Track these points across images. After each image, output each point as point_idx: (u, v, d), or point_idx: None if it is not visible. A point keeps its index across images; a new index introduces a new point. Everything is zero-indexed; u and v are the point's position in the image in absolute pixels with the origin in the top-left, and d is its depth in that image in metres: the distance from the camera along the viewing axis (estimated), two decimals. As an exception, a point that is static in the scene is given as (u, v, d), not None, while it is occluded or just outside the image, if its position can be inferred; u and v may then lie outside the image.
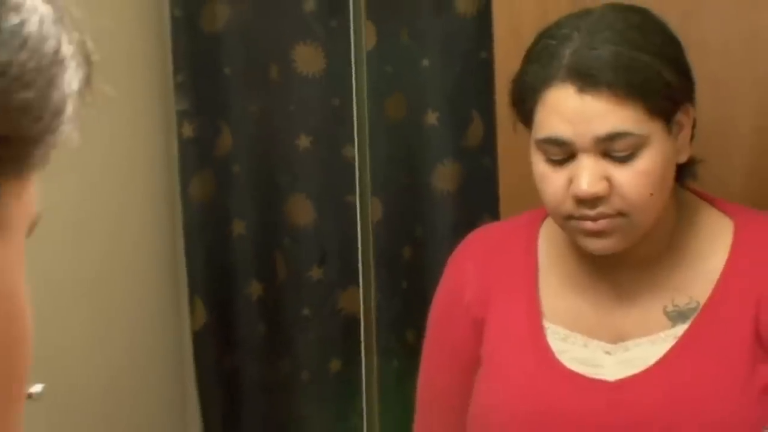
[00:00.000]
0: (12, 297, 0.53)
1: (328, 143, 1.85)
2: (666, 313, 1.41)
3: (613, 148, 1.33)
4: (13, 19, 0.47)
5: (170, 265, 1.93)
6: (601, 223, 1.34)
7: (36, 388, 1.51)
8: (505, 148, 1.69)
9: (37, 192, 0.54)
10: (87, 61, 0.53)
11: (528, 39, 1.49)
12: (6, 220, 0.51)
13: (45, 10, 0.50)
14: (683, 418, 1.38)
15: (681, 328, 1.40)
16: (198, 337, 1.93)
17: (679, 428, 1.38)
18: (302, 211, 1.88)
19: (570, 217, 1.36)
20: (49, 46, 0.49)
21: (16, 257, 0.53)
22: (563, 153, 1.35)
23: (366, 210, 1.59)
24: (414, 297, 1.80)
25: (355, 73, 1.58)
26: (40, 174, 0.53)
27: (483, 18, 1.73)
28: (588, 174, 1.33)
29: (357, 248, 1.78)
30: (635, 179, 1.33)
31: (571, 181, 1.34)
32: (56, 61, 0.50)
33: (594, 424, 1.41)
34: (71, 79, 0.51)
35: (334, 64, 1.82)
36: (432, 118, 1.79)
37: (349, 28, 1.75)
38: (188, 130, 1.89)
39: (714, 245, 1.43)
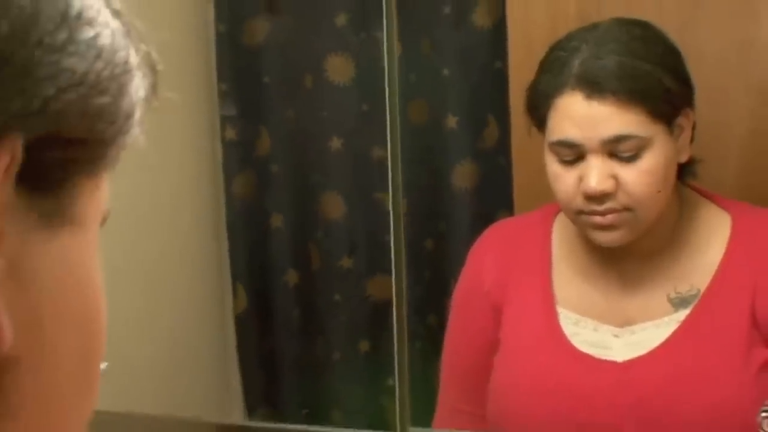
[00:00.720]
0: (89, 285, 0.53)
1: (357, 145, 1.85)
2: (669, 300, 1.41)
3: (619, 149, 1.33)
4: (89, 32, 0.47)
5: (215, 256, 1.92)
6: (609, 218, 1.35)
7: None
8: (518, 149, 1.69)
9: (106, 190, 0.54)
10: (152, 70, 0.53)
11: (539, 50, 1.49)
12: (82, 216, 0.51)
13: (115, 24, 0.50)
14: (686, 396, 1.38)
15: (683, 313, 1.40)
16: (240, 321, 1.93)
17: (682, 405, 1.38)
18: (334, 206, 1.88)
19: (581, 212, 1.37)
20: (120, 56, 0.49)
21: (91, 249, 0.53)
22: (574, 154, 1.36)
23: (398, 206, 1.59)
24: (436, 285, 1.80)
25: (388, 81, 1.57)
26: (110, 174, 0.53)
27: (498, 31, 1.72)
28: (596, 173, 1.34)
29: (383, 240, 1.78)
30: (640, 177, 1.34)
31: (581, 179, 1.35)
32: (126, 70, 0.50)
33: (603, 402, 1.41)
34: (139, 86, 0.51)
35: (363, 73, 1.81)
36: (451, 122, 1.79)
37: (376, 40, 1.75)
38: (231, 134, 1.90)
39: (713, 238, 1.43)
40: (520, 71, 1.62)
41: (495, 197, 1.77)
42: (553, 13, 1.61)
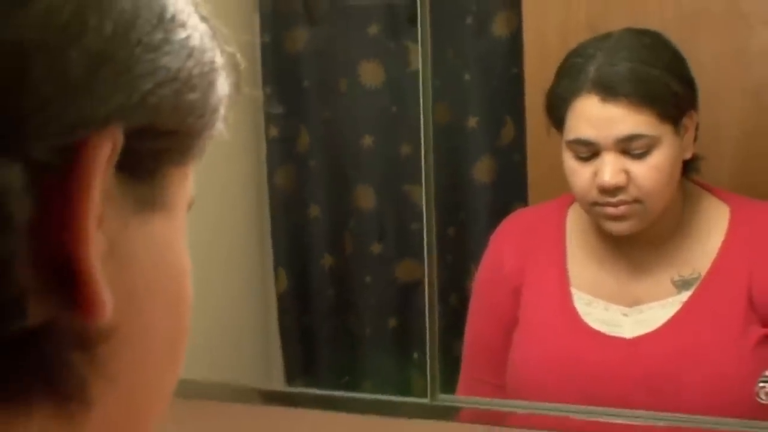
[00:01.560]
0: (178, 266, 0.53)
1: (386, 142, 1.84)
2: (673, 282, 1.41)
3: (630, 147, 1.33)
4: (182, 34, 0.48)
5: (259, 241, 1.93)
6: (621, 209, 1.35)
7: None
8: (532, 147, 1.68)
9: (192, 179, 0.54)
10: (235, 70, 0.53)
11: (552, 58, 1.49)
12: (172, 202, 0.51)
13: (203, 27, 0.50)
14: (688, 369, 1.38)
15: (685, 295, 1.41)
16: (281, 300, 1.93)
17: (685, 377, 1.38)
18: (365, 197, 1.87)
19: (595, 203, 1.37)
20: (208, 56, 0.50)
21: (180, 233, 0.53)
22: (589, 151, 1.36)
23: (430, 197, 1.59)
24: (457, 269, 1.79)
25: (422, 84, 1.58)
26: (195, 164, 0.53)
27: (515, 40, 1.71)
28: (610, 168, 1.34)
29: (409, 228, 1.79)
30: (649, 172, 1.34)
31: (596, 174, 1.35)
32: (213, 69, 0.50)
33: (613, 374, 1.42)
34: (223, 84, 0.52)
35: (392, 78, 1.81)
36: (472, 122, 1.78)
37: (404, 47, 1.76)
38: (274, 132, 1.90)
39: (713, 227, 1.43)
40: (535, 76, 1.62)
41: (511, 190, 1.76)
42: (564, 24, 1.60)
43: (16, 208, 0.40)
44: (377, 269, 1.88)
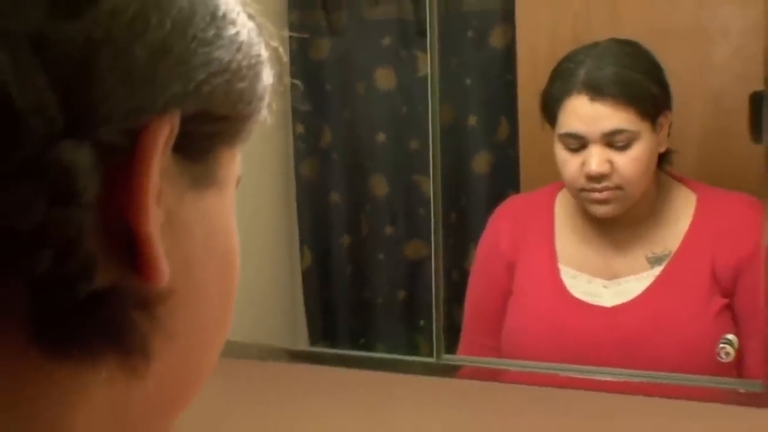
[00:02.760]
0: (228, 235, 0.53)
1: (397, 139, 1.83)
2: (647, 259, 1.41)
3: (614, 140, 1.33)
4: (232, 30, 0.48)
5: (287, 223, 1.92)
6: (605, 194, 1.35)
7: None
8: (524, 143, 1.67)
9: (240, 159, 0.54)
10: (278, 62, 0.53)
11: (541, 66, 1.50)
12: (223, 179, 0.51)
13: (250, 24, 0.50)
14: (660, 334, 1.38)
15: (658, 270, 1.41)
16: (305, 274, 1.92)
17: (657, 341, 1.38)
18: (379, 186, 1.86)
19: (582, 189, 1.37)
20: (255, 49, 0.50)
21: (229, 206, 0.53)
22: (578, 143, 1.36)
23: (438, 186, 1.59)
24: (458, 249, 1.78)
25: (430, 88, 1.58)
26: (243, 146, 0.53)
27: (509, 51, 1.70)
28: (596, 159, 1.34)
29: (417, 213, 1.78)
30: (630, 163, 1.33)
31: (583, 164, 1.35)
32: (259, 61, 0.50)
33: (595, 338, 1.42)
34: (268, 75, 0.52)
35: (403, 83, 1.80)
36: (472, 121, 1.77)
37: (414, 56, 1.75)
38: (300, 128, 1.88)
39: (682, 211, 1.42)
40: (527, 82, 1.61)
41: (505, 180, 1.75)
42: (552, 37, 1.60)
43: (85, 185, 0.40)
44: (389, 248, 1.87)
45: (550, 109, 1.42)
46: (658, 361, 1.36)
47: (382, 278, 1.88)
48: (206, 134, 0.48)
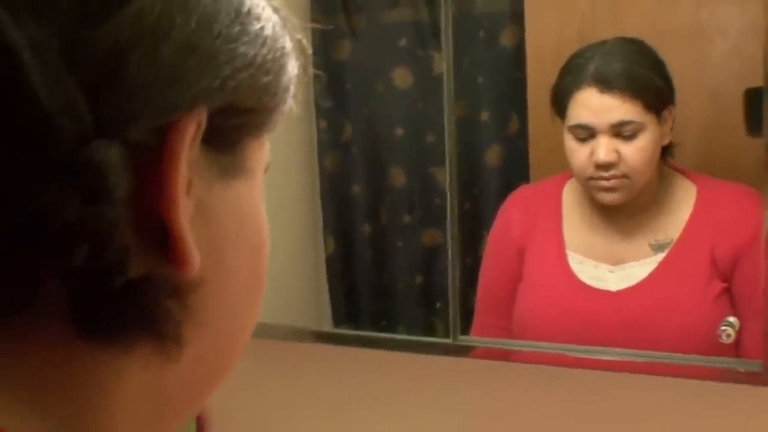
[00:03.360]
0: (258, 221, 0.52)
1: (414, 133, 1.82)
2: (650, 246, 1.40)
3: (621, 131, 1.32)
4: (256, 25, 0.46)
5: (311, 213, 1.92)
6: (612, 182, 1.34)
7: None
8: (533, 136, 1.66)
9: (268, 147, 0.53)
10: (303, 54, 0.51)
11: (549, 64, 1.49)
12: (251, 168, 0.50)
13: (275, 18, 0.49)
14: (662, 317, 1.37)
15: (660, 256, 1.39)
16: (329, 260, 1.92)
17: (660, 324, 1.37)
18: (398, 177, 1.86)
19: (591, 178, 1.36)
20: (279, 43, 0.48)
21: (258, 193, 0.52)
22: (587, 134, 1.35)
23: (454, 178, 1.59)
24: (472, 236, 1.78)
25: (445, 86, 1.57)
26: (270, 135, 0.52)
27: (519, 49, 1.69)
28: (605, 148, 1.33)
29: (433, 203, 1.78)
30: (636, 152, 1.33)
31: (592, 153, 1.34)
32: (284, 53, 0.49)
33: (601, 320, 1.41)
34: (293, 66, 0.50)
35: (419, 81, 1.80)
36: (484, 116, 1.76)
37: (429, 56, 1.74)
38: (323, 124, 1.88)
39: (683, 201, 1.41)
40: (535, 79, 1.60)
41: (516, 172, 1.74)
42: (559, 37, 1.59)
43: (116, 182, 0.40)
44: (407, 236, 1.86)
45: (560, 103, 1.41)
46: (661, 342, 1.35)
47: (400, 264, 1.88)
48: (233, 127, 0.47)
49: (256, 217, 0.52)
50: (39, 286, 0.41)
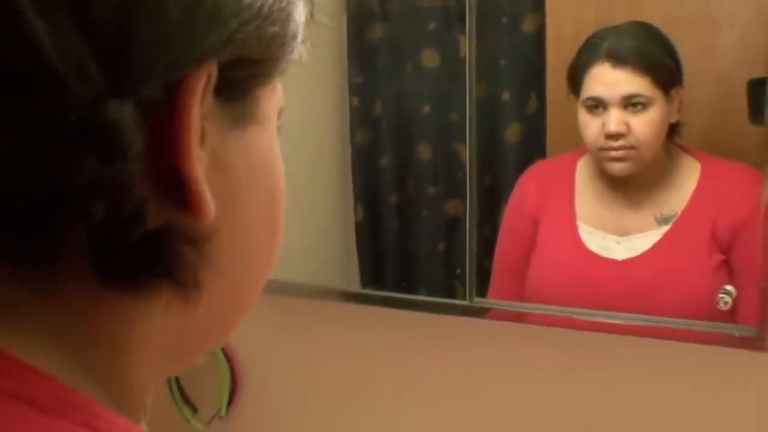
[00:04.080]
0: (272, 167, 0.50)
1: (439, 110, 1.82)
2: (655, 218, 1.39)
3: (632, 102, 1.32)
4: None
5: (343, 183, 1.92)
6: (621, 153, 1.33)
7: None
8: (551, 115, 1.65)
9: (280, 91, 0.50)
10: (310, 1, 0.49)
11: (567, 49, 1.48)
12: (263, 115, 0.48)
13: None
14: (665, 285, 1.37)
15: (664, 228, 1.39)
16: (358, 227, 1.93)
17: (663, 292, 1.37)
18: (423, 152, 1.85)
19: (602, 149, 1.35)
20: None
21: (272, 138, 0.50)
22: (599, 106, 1.34)
23: (473, 152, 1.59)
24: (491, 207, 1.78)
25: (468, 68, 1.57)
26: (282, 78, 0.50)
27: (539, 34, 1.67)
28: (615, 120, 1.32)
29: (456, 176, 1.78)
30: (644, 125, 1.32)
31: (603, 125, 1.33)
32: (290, 2, 0.46)
33: (608, 288, 1.41)
34: (300, 13, 0.48)
35: (446, 62, 1.79)
36: (506, 96, 1.75)
37: (456, 39, 1.74)
38: (356, 101, 1.88)
39: (688, 177, 1.40)
40: (554, 62, 1.59)
41: (534, 148, 1.73)
42: (577, 23, 1.57)
43: (131, 140, 0.39)
44: (431, 206, 1.86)
45: (575, 79, 1.41)
46: (663, 308, 1.35)
47: (424, 232, 1.88)
48: (243, 77, 0.45)
49: (269, 163, 0.50)
50: (64, 238, 0.41)
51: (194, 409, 1.91)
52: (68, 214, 0.39)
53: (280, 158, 0.51)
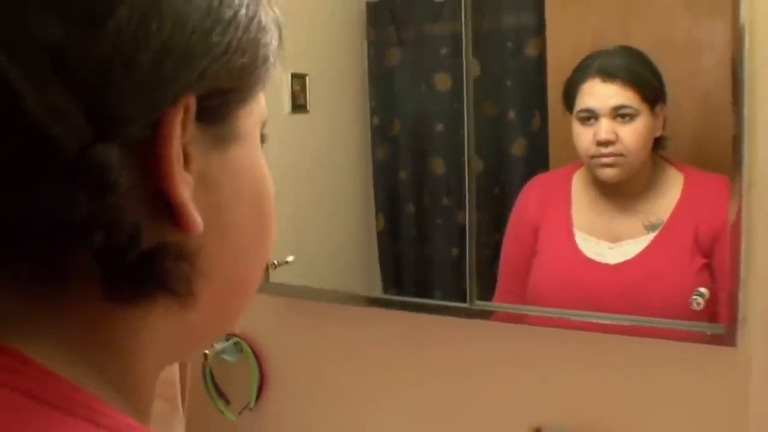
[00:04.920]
0: (256, 175, 0.50)
1: (451, 128, 1.82)
2: (644, 226, 1.39)
3: (619, 114, 1.32)
4: (229, 13, 0.43)
5: (365, 195, 1.93)
6: (611, 159, 1.34)
7: (290, 258, 1.53)
8: (553, 132, 1.66)
9: (262, 103, 0.49)
10: (278, 27, 0.47)
11: (566, 71, 1.48)
12: (244, 131, 0.47)
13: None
14: (653, 287, 1.36)
15: (652, 235, 1.38)
16: (379, 235, 1.94)
17: (651, 293, 1.36)
18: (438, 166, 1.86)
19: (593, 156, 1.36)
20: (254, 22, 0.45)
21: (256, 151, 0.49)
22: (591, 117, 1.35)
23: (472, 167, 1.60)
24: (499, 216, 1.79)
25: (470, 90, 1.57)
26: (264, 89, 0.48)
27: (541, 58, 1.69)
28: (605, 128, 1.33)
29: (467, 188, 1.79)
30: (632, 134, 1.32)
31: (594, 134, 1.34)
32: (260, 28, 0.46)
33: (602, 291, 1.40)
34: (271, 38, 0.47)
35: (456, 85, 1.80)
36: (511, 114, 1.76)
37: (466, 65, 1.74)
38: (376, 120, 1.89)
39: (672, 188, 1.40)
40: (555, 83, 1.60)
41: (537, 162, 1.74)
42: (575, 48, 1.58)
43: (118, 177, 0.39)
44: (445, 215, 1.87)
45: (570, 94, 1.43)
46: (651, 309, 1.35)
47: (439, 239, 1.88)
48: (220, 104, 0.45)
49: (253, 175, 0.49)
50: (70, 262, 0.42)
51: (227, 402, 1.95)
52: (72, 243, 0.40)
53: (265, 168, 0.50)
